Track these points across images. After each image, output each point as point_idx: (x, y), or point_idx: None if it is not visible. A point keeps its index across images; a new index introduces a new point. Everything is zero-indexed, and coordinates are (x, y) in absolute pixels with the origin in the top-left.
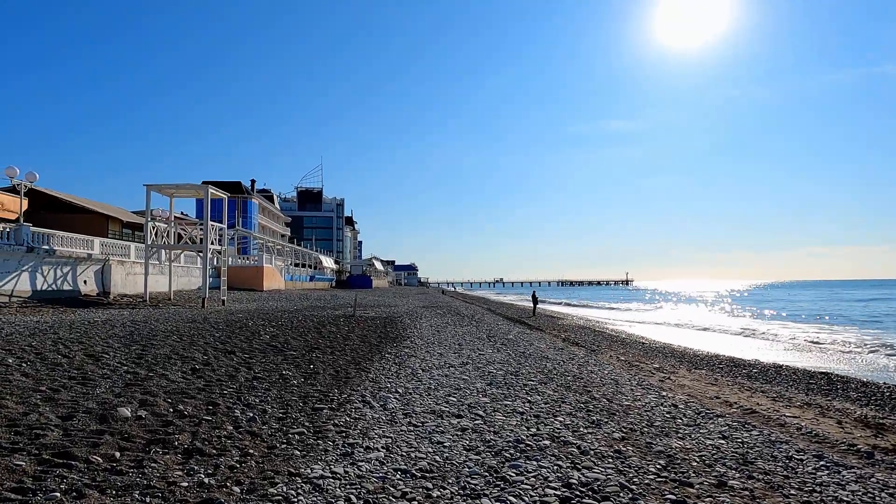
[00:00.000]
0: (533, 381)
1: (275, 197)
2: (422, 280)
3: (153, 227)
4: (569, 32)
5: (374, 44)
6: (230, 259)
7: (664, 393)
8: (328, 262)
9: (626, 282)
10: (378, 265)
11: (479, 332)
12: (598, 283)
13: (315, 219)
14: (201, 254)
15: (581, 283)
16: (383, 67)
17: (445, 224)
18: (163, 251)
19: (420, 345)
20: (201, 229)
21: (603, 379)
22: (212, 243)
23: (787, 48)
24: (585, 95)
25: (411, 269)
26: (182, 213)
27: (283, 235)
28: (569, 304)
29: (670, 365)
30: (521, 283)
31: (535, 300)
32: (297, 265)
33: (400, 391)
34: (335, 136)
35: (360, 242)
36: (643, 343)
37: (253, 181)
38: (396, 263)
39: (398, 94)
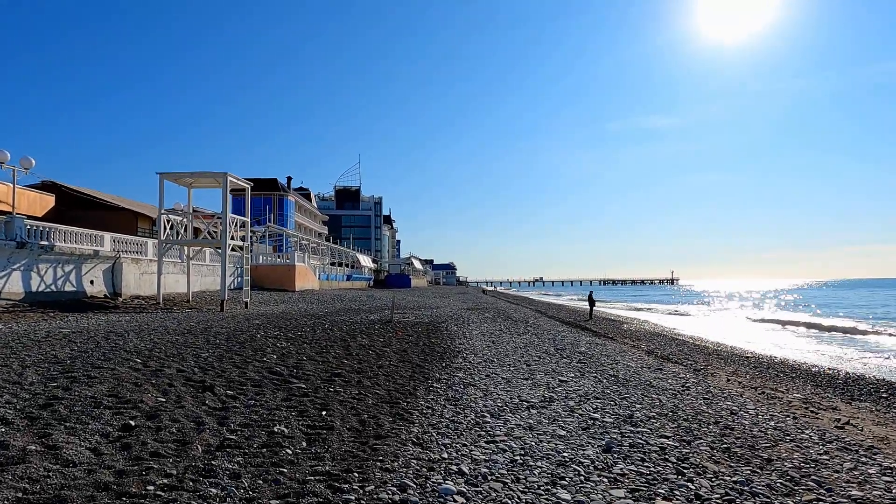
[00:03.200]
0: (667, 437)
1: (312, 195)
2: (460, 279)
3: (167, 221)
4: (606, 27)
5: (411, 46)
6: (261, 257)
7: (886, 462)
8: (366, 260)
9: (672, 280)
10: (417, 264)
11: (542, 342)
12: (643, 282)
13: (353, 217)
14: (220, 250)
15: (624, 282)
16: (420, 69)
17: (484, 223)
18: (184, 248)
19: (476, 364)
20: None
21: (763, 429)
22: (232, 238)
23: (837, 37)
24: (624, 91)
25: (450, 268)
26: (217, 214)
27: (320, 234)
28: (622, 305)
29: (813, 393)
30: (562, 282)
31: (591, 302)
32: (333, 264)
33: (465, 471)
34: (374, 136)
35: (399, 241)
36: (746, 357)
37: (289, 178)
38: (435, 262)
39: (435, 95)
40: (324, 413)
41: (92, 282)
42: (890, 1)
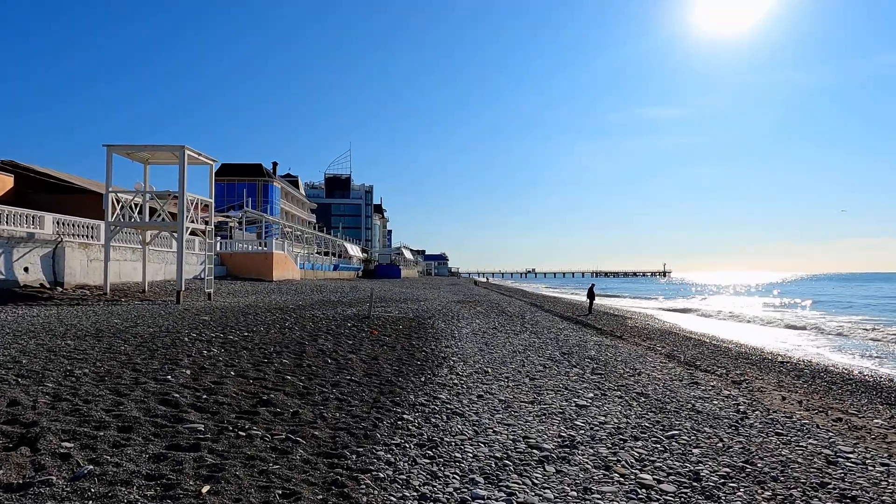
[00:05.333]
0: None
1: (300, 183)
2: (453, 270)
3: (116, 200)
4: (606, 17)
5: (408, 35)
6: (238, 245)
7: None
8: (354, 250)
9: (664, 273)
10: (407, 254)
11: (544, 343)
12: (635, 274)
13: (343, 206)
14: (185, 234)
15: (616, 275)
16: (417, 59)
17: (478, 214)
18: (141, 232)
19: (466, 377)
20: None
21: (894, 490)
22: (191, 221)
23: (837, 30)
24: (620, 82)
25: (442, 259)
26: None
27: (308, 222)
28: (617, 297)
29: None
30: (554, 273)
31: (591, 295)
32: (319, 253)
33: None
34: (367, 126)
35: (390, 231)
36: (782, 363)
37: (275, 164)
38: (427, 253)
39: (431, 85)
40: (206, 490)
41: (27, 269)
42: None
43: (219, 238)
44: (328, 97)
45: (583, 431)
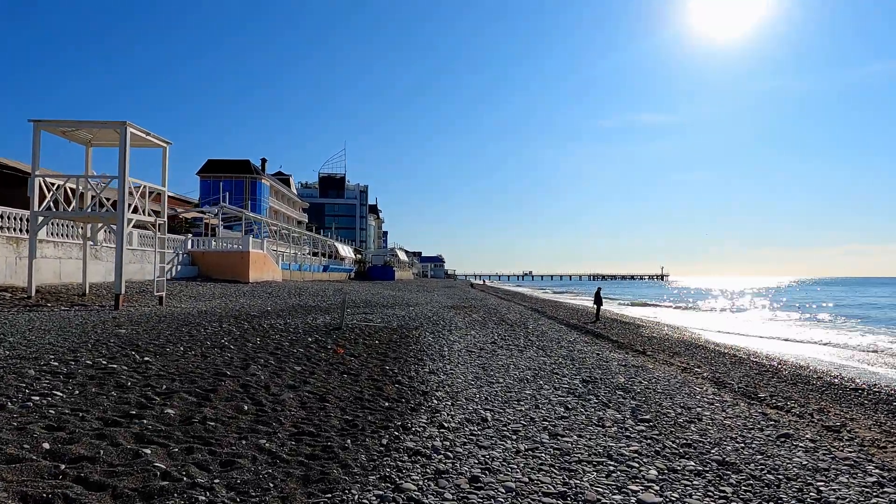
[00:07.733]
0: None
1: (292, 181)
2: (448, 272)
3: (44, 185)
4: (600, 24)
5: (408, 40)
6: (213, 243)
7: None
8: (346, 250)
9: (661, 276)
10: (402, 256)
11: (557, 364)
12: (632, 277)
13: (337, 206)
14: (128, 226)
15: (613, 278)
16: (415, 62)
17: (475, 217)
18: (80, 225)
19: (455, 432)
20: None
21: None
22: (135, 211)
23: (826, 38)
24: (617, 89)
25: (438, 260)
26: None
27: (299, 222)
28: (620, 301)
29: None
30: (551, 276)
31: (598, 301)
32: (308, 253)
33: None
34: (364, 126)
35: (386, 233)
36: (853, 389)
37: (264, 160)
38: (423, 255)
39: (428, 91)
40: None
41: None
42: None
43: (190, 235)
44: (326, 96)
45: None
